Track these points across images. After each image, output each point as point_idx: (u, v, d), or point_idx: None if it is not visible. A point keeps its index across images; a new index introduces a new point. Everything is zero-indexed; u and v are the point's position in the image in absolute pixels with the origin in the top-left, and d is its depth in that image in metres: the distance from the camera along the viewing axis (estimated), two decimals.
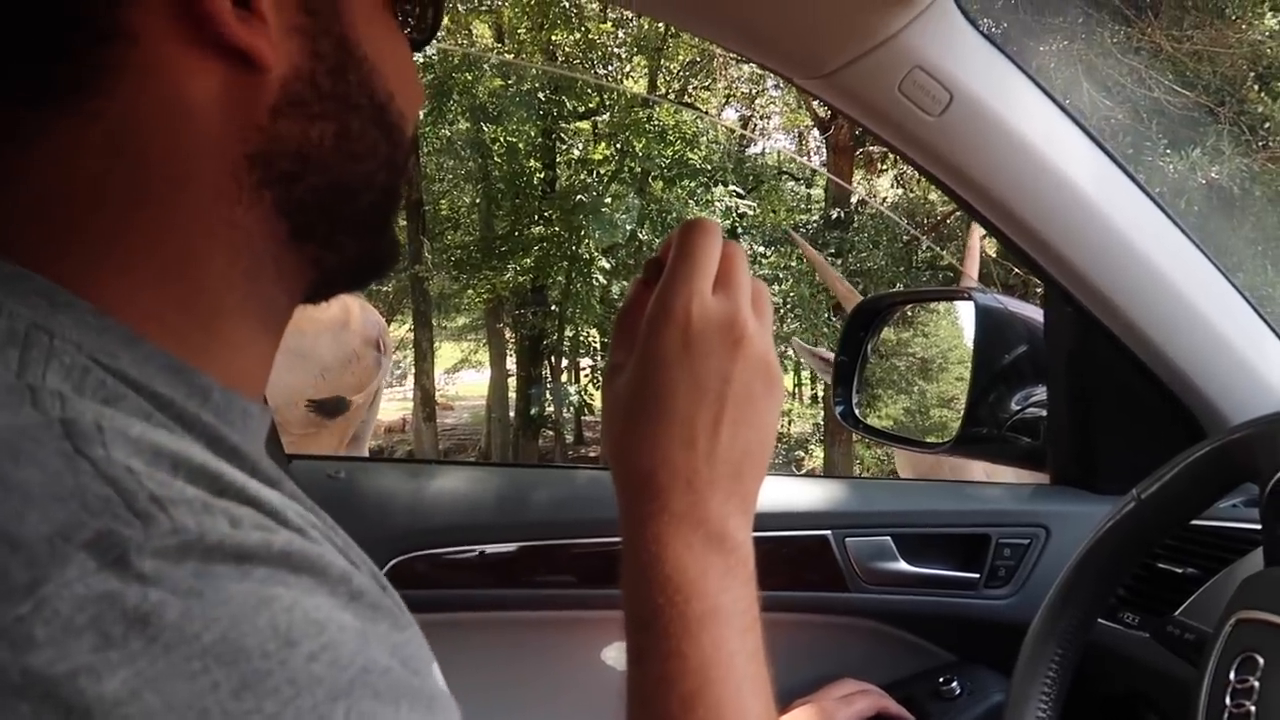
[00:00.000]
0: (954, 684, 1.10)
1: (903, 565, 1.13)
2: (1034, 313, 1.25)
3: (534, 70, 8.71)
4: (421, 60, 8.94)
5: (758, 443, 0.53)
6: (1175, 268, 1.04)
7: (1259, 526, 0.98)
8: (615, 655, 1.12)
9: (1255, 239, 6.50)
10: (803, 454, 11.26)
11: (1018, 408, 1.26)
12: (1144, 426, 1.12)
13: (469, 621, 1.14)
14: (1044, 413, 1.24)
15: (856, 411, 1.43)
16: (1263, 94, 6.82)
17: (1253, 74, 6.88)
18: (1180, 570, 1.00)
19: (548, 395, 10.30)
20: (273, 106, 0.42)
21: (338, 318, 3.59)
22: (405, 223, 10.51)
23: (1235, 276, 1.08)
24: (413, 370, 10.62)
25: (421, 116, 9.81)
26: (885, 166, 9.70)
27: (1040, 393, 1.25)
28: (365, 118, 0.46)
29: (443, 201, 10.86)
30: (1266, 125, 6.72)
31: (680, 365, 0.51)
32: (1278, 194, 6.59)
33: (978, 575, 1.13)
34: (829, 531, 1.12)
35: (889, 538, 1.13)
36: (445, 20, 9.24)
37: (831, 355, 2.02)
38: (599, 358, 10.76)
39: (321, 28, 0.44)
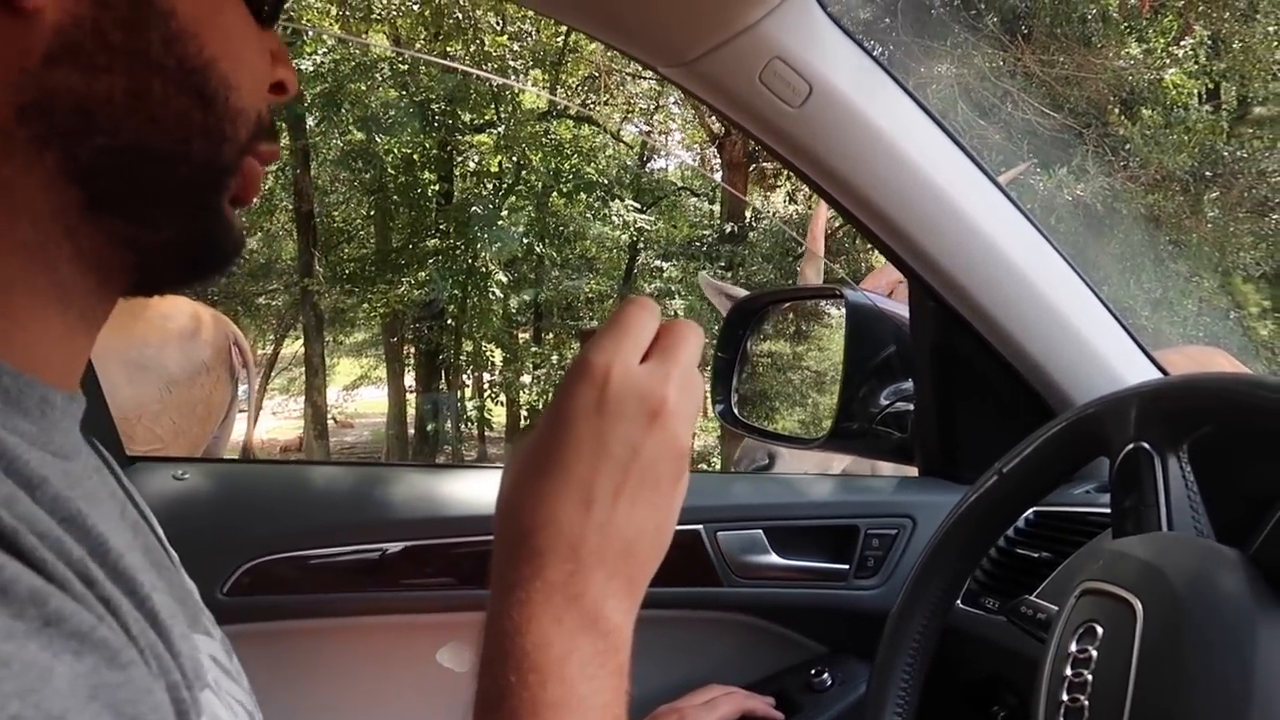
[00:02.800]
0: (824, 675, 1.10)
1: (774, 558, 1.13)
2: (904, 310, 1.28)
3: (428, 80, 8.59)
4: (313, 69, 8.71)
5: (654, 527, 0.49)
6: (1030, 262, 1.07)
7: (1105, 510, 1.02)
8: (450, 656, 1.08)
9: (1121, 254, 6.91)
10: (705, 466, 11.35)
11: (887, 402, 1.28)
12: (1004, 418, 1.15)
13: (332, 628, 1.09)
14: (911, 407, 1.26)
15: (735, 410, 1.44)
16: (1124, 118, 7.27)
17: (1115, 99, 7.33)
18: (1036, 555, 1.03)
19: (445, 410, 10.11)
20: (46, 54, 0.39)
21: (186, 327, 3.44)
22: (296, 235, 10.20)
23: (1101, 289, 1.13)
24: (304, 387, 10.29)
25: (313, 125, 9.57)
26: (779, 183, 9.92)
27: (908, 387, 1.28)
28: (171, 80, 0.42)
29: (335, 213, 10.57)
30: (1128, 147, 7.16)
31: (588, 423, 0.47)
32: (1139, 212, 7.02)
33: (847, 566, 1.14)
34: (700, 526, 1.11)
35: (760, 531, 1.13)
36: (336, 27, 8.97)
37: (740, 292, 2.02)
38: (499, 373, 10.63)
39: None
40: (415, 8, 8.43)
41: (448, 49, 8.93)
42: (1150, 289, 7.04)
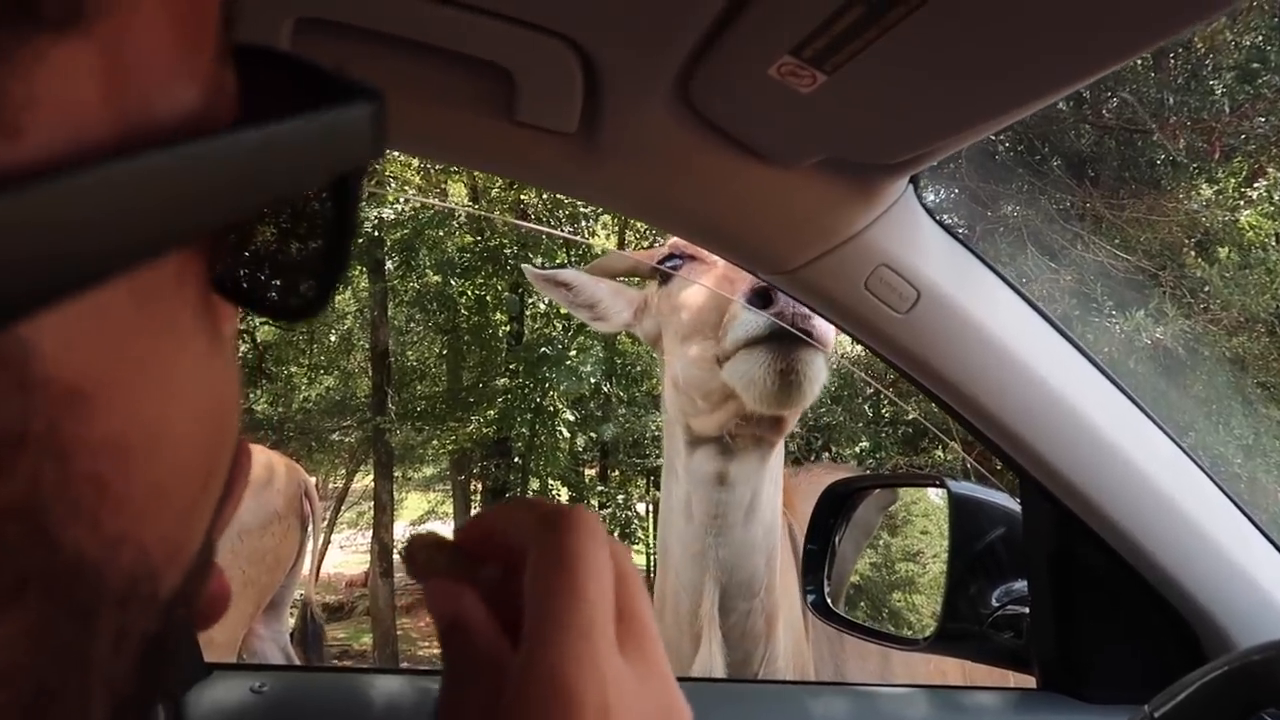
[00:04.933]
0: None
1: None
2: (1009, 503, 1.21)
3: (502, 226, 8.93)
4: (393, 215, 9.18)
5: None
6: (1154, 465, 1.01)
7: None
8: None
9: (1206, 398, 6.66)
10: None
11: (998, 603, 1.20)
12: (1133, 630, 1.06)
13: None
14: (1026, 609, 1.17)
15: (829, 602, 1.36)
16: (1200, 259, 7.15)
17: (1190, 241, 7.25)
18: None
19: None
20: None
21: (260, 476, 3.51)
22: (371, 373, 10.49)
23: (1187, 437, 1.06)
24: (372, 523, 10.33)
25: (391, 269, 10.00)
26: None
27: (1022, 587, 1.19)
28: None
29: (410, 352, 10.87)
30: (1206, 289, 7.02)
31: None
32: (1223, 355, 6.80)
33: None
34: None
35: None
36: (418, 179, 9.47)
37: (573, 276, 1.90)
38: None
39: None
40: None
41: (521, 197, 9.34)
42: (1241, 435, 6.73)
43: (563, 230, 8.37)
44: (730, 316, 1.42)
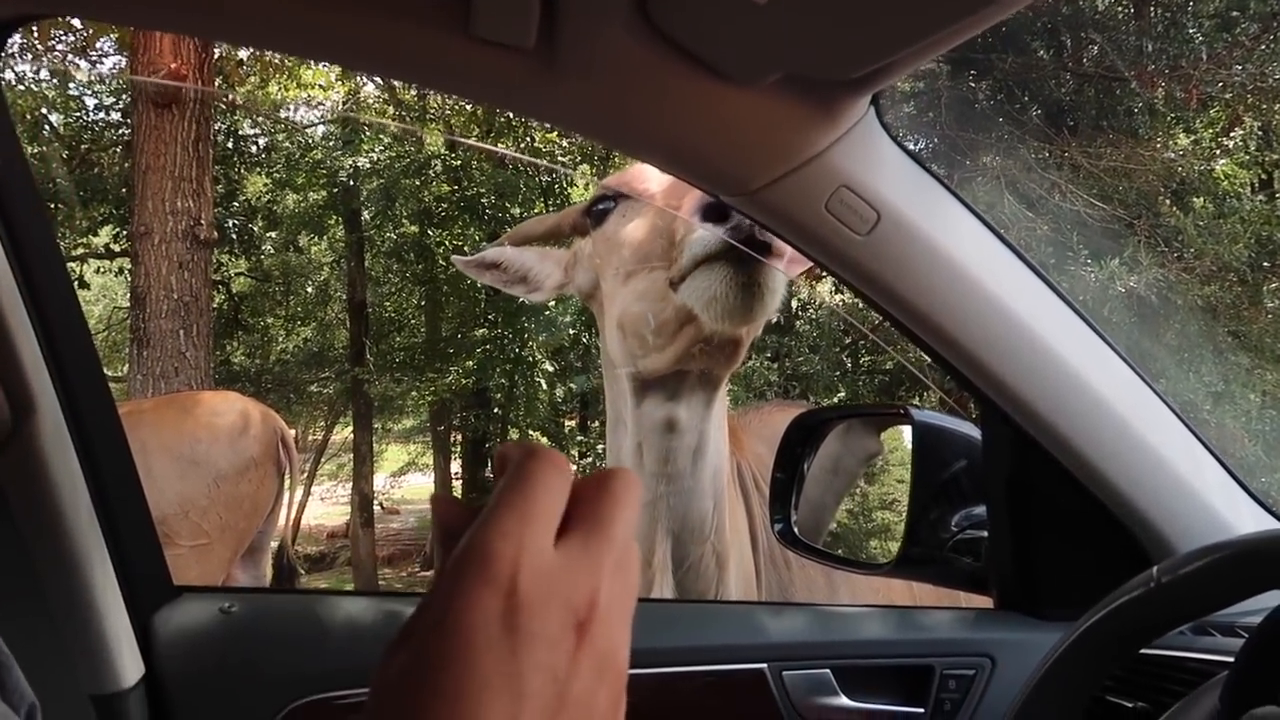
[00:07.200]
0: None
1: (844, 700, 1.07)
2: (973, 431, 1.23)
3: (479, 175, 8.83)
4: (369, 165, 9.04)
5: None
6: (1110, 387, 1.02)
7: (1209, 657, 0.94)
8: None
9: (1179, 346, 6.74)
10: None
11: (958, 528, 1.22)
12: (1087, 549, 1.09)
13: None
14: (985, 534, 1.20)
15: (795, 530, 1.38)
16: (1176, 209, 7.19)
17: (1166, 190, 7.27)
18: (1131, 704, 0.95)
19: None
20: None
21: (235, 424, 3.52)
22: (349, 324, 10.43)
23: (1159, 383, 1.08)
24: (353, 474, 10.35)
25: (368, 219, 9.88)
26: (824, 273, 9.93)
27: (981, 512, 1.22)
28: None
29: (388, 303, 10.80)
30: (1181, 238, 7.06)
31: (494, 650, 0.33)
32: (1196, 303, 6.88)
33: (923, 710, 1.07)
34: (765, 665, 1.05)
35: (829, 670, 1.07)
36: (393, 126, 9.33)
37: (498, 253, 1.91)
38: None
39: None
40: (468, 106, 8.74)
41: (499, 145, 9.22)
42: (1211, 382, 6.84)
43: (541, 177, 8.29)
44: (683, 236, 1.41)
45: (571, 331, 8.71)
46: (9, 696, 0.41)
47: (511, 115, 8.47)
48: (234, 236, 9.23)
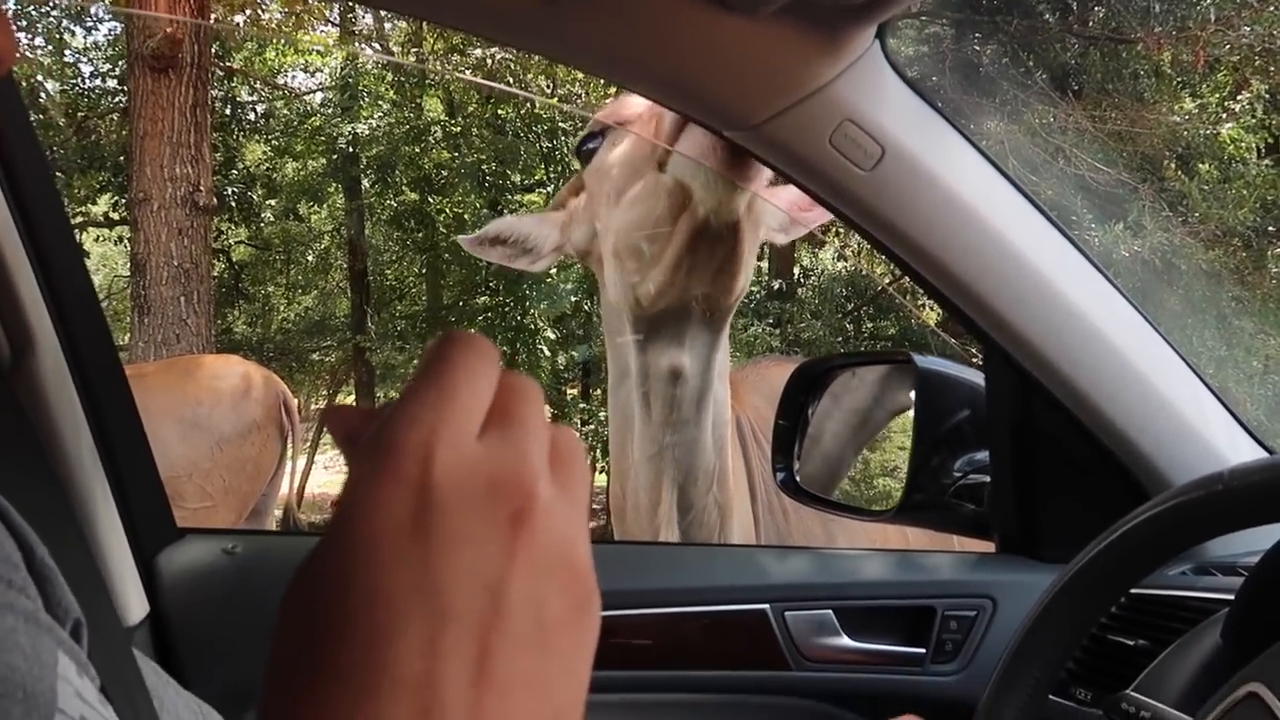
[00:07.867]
0: None
1: (845, 640, 1.07)
2: (976, 376, 1.23)
3: (480, 142, 8.77)
4: (368, 132, 8.98)
5: (554, 713, 0.30)
6: (1114, 329, 1.02)
7: (1210, 595, 0.94)
8: None
9: (1182, 311, 6.73)
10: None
11: (960, 474, 1.22)
12: (1088, 492, 1.09)
13: None
14: (987, 479, 1.20)
15: (797, 479, 1.38)
16: (1181, 173, 7.14)
17: (1171, 154, 7.22)
18: (1131, 642, 0.96)
19: None
20: None
21: (238, 387, 3.54)
22: (350, 293, 10.42)
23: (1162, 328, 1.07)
24: None
25: (368, 187, 9.83)
26: (827, 239, 9.90)
27: (983, 458, 1.21)
28: None
29: (389, 271, 10.78)
30: (1185, 202, 7.02)
31: (404, 558, 0.28)
32: (1200, 268, 6.85)
33: (924, 650, 1.07)
34: (767, 605, 1.05)
35: (830, 611, 1.07)
36: (393, 94, 9.26)
37: (499, 227, 1.90)
38: None
39: None
40: (467, 74, 8.67)
41: (498, 112, 9.15)
42: (1214, 346, 6.83)
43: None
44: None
45: (573, 299, 8.70)
46: (54, 609, 0.41)
47: (511, 81, 8.41)
48: (233, 205, 9.20)
